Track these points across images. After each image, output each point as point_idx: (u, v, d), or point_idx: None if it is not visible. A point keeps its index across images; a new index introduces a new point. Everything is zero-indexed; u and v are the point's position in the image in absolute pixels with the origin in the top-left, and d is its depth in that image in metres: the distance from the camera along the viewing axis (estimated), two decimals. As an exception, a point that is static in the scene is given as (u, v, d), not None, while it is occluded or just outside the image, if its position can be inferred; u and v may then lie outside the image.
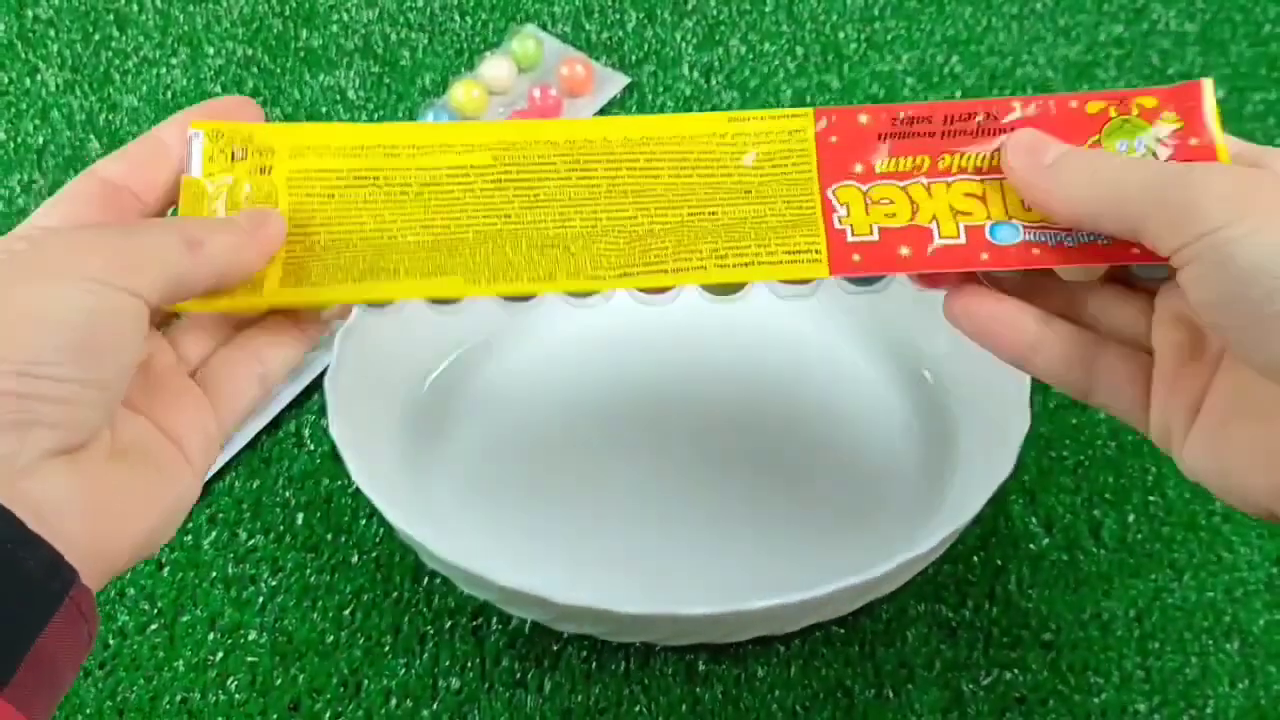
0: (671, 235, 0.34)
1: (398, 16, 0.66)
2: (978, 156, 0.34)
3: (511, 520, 0.46)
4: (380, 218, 0.35)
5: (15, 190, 0.59)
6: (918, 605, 0.45)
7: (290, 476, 0.49)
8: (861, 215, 0.34)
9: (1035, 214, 0.33)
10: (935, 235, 0.33)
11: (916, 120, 0.34)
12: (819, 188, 0.34)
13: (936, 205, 0.34)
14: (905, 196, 0.34)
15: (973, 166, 0.34)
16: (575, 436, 0.49)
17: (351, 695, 0.43)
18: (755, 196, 0.35)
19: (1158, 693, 0.43)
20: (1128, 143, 0.34)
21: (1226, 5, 0.66)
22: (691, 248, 0.34)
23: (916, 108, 0.35)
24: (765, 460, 0.48)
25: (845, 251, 0.33)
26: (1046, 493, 0.48)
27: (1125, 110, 0.34)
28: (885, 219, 0.34)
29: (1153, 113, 0.34)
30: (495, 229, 0.35)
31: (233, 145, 0.35)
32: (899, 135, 0.35)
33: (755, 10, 0.66)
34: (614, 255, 0.34)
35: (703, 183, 0.35)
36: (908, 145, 0.34)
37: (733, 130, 0.35)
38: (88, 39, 0.65)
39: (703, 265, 0.33)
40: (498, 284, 0.34)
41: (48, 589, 0.27)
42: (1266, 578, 0.45)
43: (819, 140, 0.35)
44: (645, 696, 0.43)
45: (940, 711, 0.43)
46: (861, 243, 0.33)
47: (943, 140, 0.34)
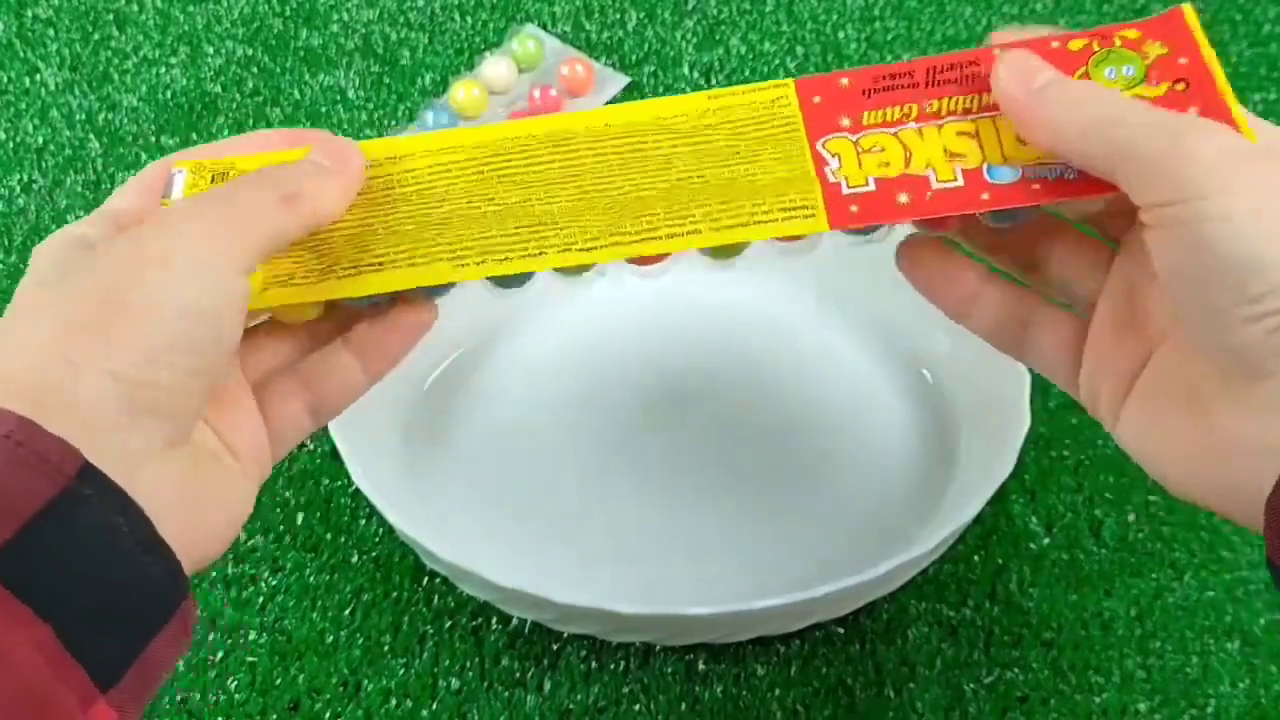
0: (661, 200, 0.34)
1: (398, 16, 0.66)
2: (966, 98, 0.34)
3: (511, 520, 0.46)
4: (361, 219, 0.35)
5: (15, 190, 0.59)
6: (918, 605, 0.45)
7: (290, 476, 0.49)
8: (854, 166, 0.33)
9: (1031, 152, 0.33)
10: (932, 180, 0.33)
11: (898, 75, 0.34)
12: (808, 142, 0.34)
13: (930, 149, 0.33)
14: (897, 142, 0.33)
15: (961, 108, 0.34)
16: (575, 437, 0.49)
17: (351, 695, 0.43)
18: (743, 157, 0.34)
19: (1159, 692, 0.43)
20: (1115, 69, 0.33)
21: (1226, 5, 0.66)
22: (683, 212, 0.33)
23: (896, 66, 0.34)
24: (765, 460, 0.47)
25: (842, 204, 0.33)
26: (1047, 492, 0.48)
27: (1108, 43, 0.33)
28: (879, 168, 0.33)
29: (1135, 43, 0.33)
30: (480, 212, 0.34)
31: (214, 173, 0.35)
32: (883, 89, 0.34)
33: (755, 10, 0.66)
34: (603, 224, 0.33)
35: (689, 150, 0.34)
36: (893, 96, 0.34)
37: (714, 106, 0.35)
38: (87, 39, 0.65)
39: (697, 229, 0.33)
40: (486, 265, 0.33)
41: (164, 598, 0.27)
42: (1267, 577, 0.45)
43: (803, 102, 0.34)
44: (645, 696, 0.43)
45: (941, 711, 0.43)
46: (858, 193, 0.33)
47: (927, 89, 0.34)
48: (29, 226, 0.57)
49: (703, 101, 0.35)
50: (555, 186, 0.34)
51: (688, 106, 0.35)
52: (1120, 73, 0.33)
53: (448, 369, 0.50)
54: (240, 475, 0.32)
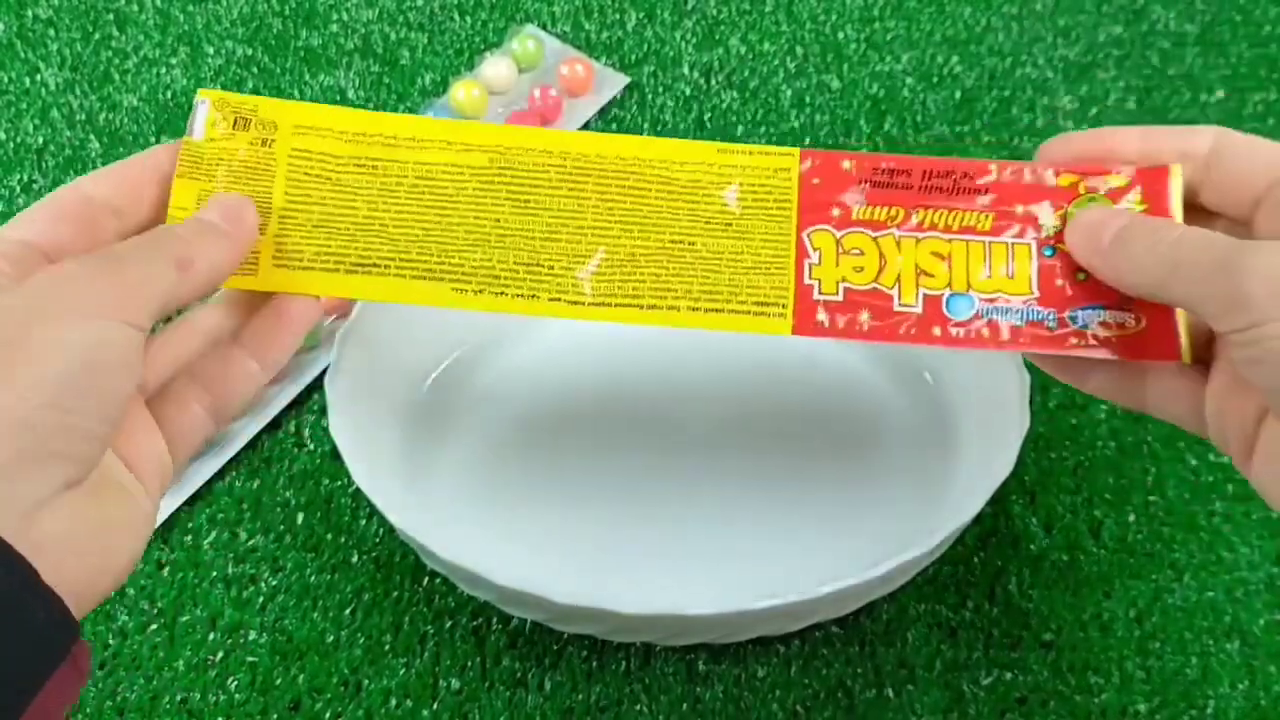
0: (651, 263, 0.36)
1: (398, 16, 0.66)
2: (949, 214, 0.36)
3: (511, 520, 0.46)
4: (374, 205, 0.36)
5: (15, 190, 0.59)
6: (918, 605, 0.45)
7: (290, 476, 0.49)
8: (832, 266, 0.36)
9: (990, 284, 0.35)
10: (895, 301, 0.35)
11: (896, 173, 0.36)
12: (796, 228, 0.36)
13: (904, 263, 0.36)
14: (876, 248, 0.36)
15: (943, 224, 0.36)
16: (575, 437, 0.49)
17: (352, 695, 0.43)
18: (735, 231, 0.36)
19: (1158, 693, 0.43)
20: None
21: (1226, 6, 0.66)
22: (667, 284, 0.36)
23: (897, 159, 0.36)
24: (765, 460, 0.48)
25: (810, 309, 0.35)
26: (1046, 493, 0.48)
27: (1093, 189, 0.35)
28: (853, 273, 0.36)
29: (1119, 192, 0.35)
30: (484, 232, 0.36)
31: (237, 114, 0.36)
32: (878, 184, 0.36)
33: (755, 10, 0.66)
34: (594, 281, 0.35)
35: (687, 209, 0.36)
36: (885, 195, 0.36)
37: (721, 161, 0.37)
38: (87, 39, 0.65)
39: (675, 306, 0.36)
40: (484, 297, 0.35)
41: (53, 644, 0.27)
42: (1267, 578, 0.45)
43: (802, 180, 0.36)
44: (646, 696, 0.43)
45: (941, 712, 0.43)
46: (827, 301, 0.35)
47: (919, 194, 0.36)
48: (29, 226, 0.57)
49: (711, 154, 0.37)
50: (558, 222, 0.36)
51: (697, 155, 0.37)
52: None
53: (448, 369, 0.50)
54: (143, 495, 0.32)
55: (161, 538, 0.47)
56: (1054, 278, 0.35)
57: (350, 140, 0.36)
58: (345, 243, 0.35)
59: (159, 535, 0.47)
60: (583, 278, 0.35)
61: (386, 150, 0.36)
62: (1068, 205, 0.35)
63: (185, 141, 0.35)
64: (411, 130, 0.36)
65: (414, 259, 0.35)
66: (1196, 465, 0.48)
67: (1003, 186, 0.36)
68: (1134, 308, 0.34)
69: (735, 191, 0.36)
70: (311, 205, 0.35)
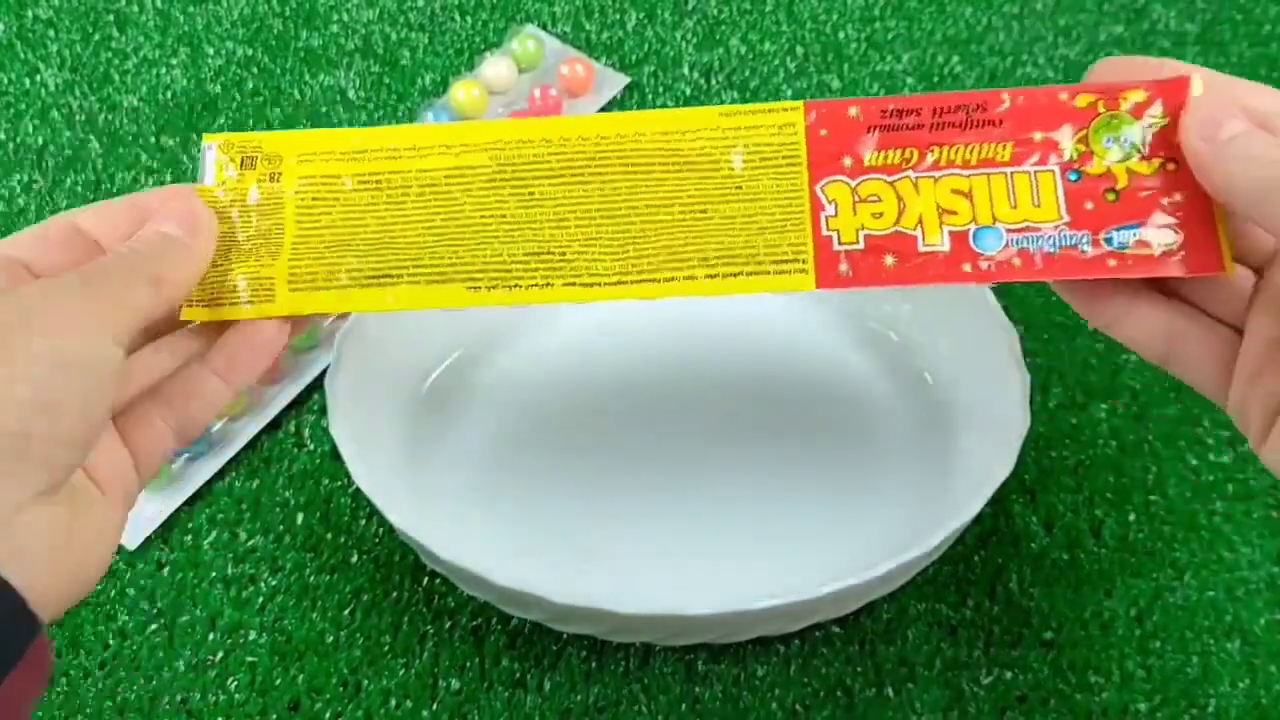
0: (663, 237, 0.35)
1: (398, 16, 0.66)
2: (966, 149, 0.35)
3: (511, 520, 0.46)
4: (382, 219, 0.36)
5: (15, 190, 0.59)
6: (918, 605, 0.45)
7: (290, 476, 0.49)
8: (849, 216, 0.34)
9: (1018, 214, 0.34)
10: (920, 242, 0.34)
11: (905, 113, 0.35)
12: (808, 183, 0.35)
13: (923, 203, 0.34)
14: (893, 193, 0.35)
15: (960, 160, 0.34)
16: (575, 436, 0.49)
17: (351, 695, 0.43)
18: (746, 194, 0.35)
19: (1159, 692, 0.43)
20: (1114, 139, 0.34)
21: (1226, 5, 0.66)
22: (681, 254, 0.35)
23: (905, 100, 0.35)
24: (765, 460, 0.47)
25: (832, 260, 0.34)
26: (1047, 492, 0.48)
27: (1113, 105, 0.34)
28: (872, 220, 0.34)
29: (1140, 107, 0.34)
30: (492, 230, 0.36)
31: (243, 154, 0.37)
32: (888, 128, 0.35)
33: (755, 10, 0.66)
34: (608, 261, 0.35)
35: (694, 180, 0.36)
36: (897, 138, 0.35)
37: (724, 125, 0.36)
38: (88, 39, 0.65)
39: (692, 275, 0.35)
40: (498, 291, 0.35)
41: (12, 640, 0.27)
42: (1268, 577, 0.45)
43: (809, 133, 0.35)
44: (645, 696, 0.43)
45: (941, 710, 0.43)
46: (848, 250, 0.34)
47: (931, 133, 0.35)
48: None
49: (714, 118, 0.36)
50: (565, 209, 0.36)
51: (699, 122, 0.36)
52: (1119, 142, 0.34)
53: (448, 369, 0.50)
54: (109, 508, 0.32)
55: (161, 538, 0.47)
56: (1083, 201, 0.34)
57: (352, 159, 0.37)
58: (358, 259, 0.36)
59: (159, 535, 0.47)
60: (596, 258, 0.35)
61: (389, 163, 0.36)
62: (1088, 128, 0.34)
63: (198, 188, 0.36)
64: (411, 140, 0.37)
65: (425, 265, 0.36)
66: (1197, 465, 0.48)
67: (1018, 114, 0.34)
68: (1172, 222, 0.33)
69: (742, 154, 0.35)
70: (322, 229, 0.36)
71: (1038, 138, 0.34)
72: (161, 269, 0.33)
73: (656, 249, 0.35)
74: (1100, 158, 0.34)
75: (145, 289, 0.32)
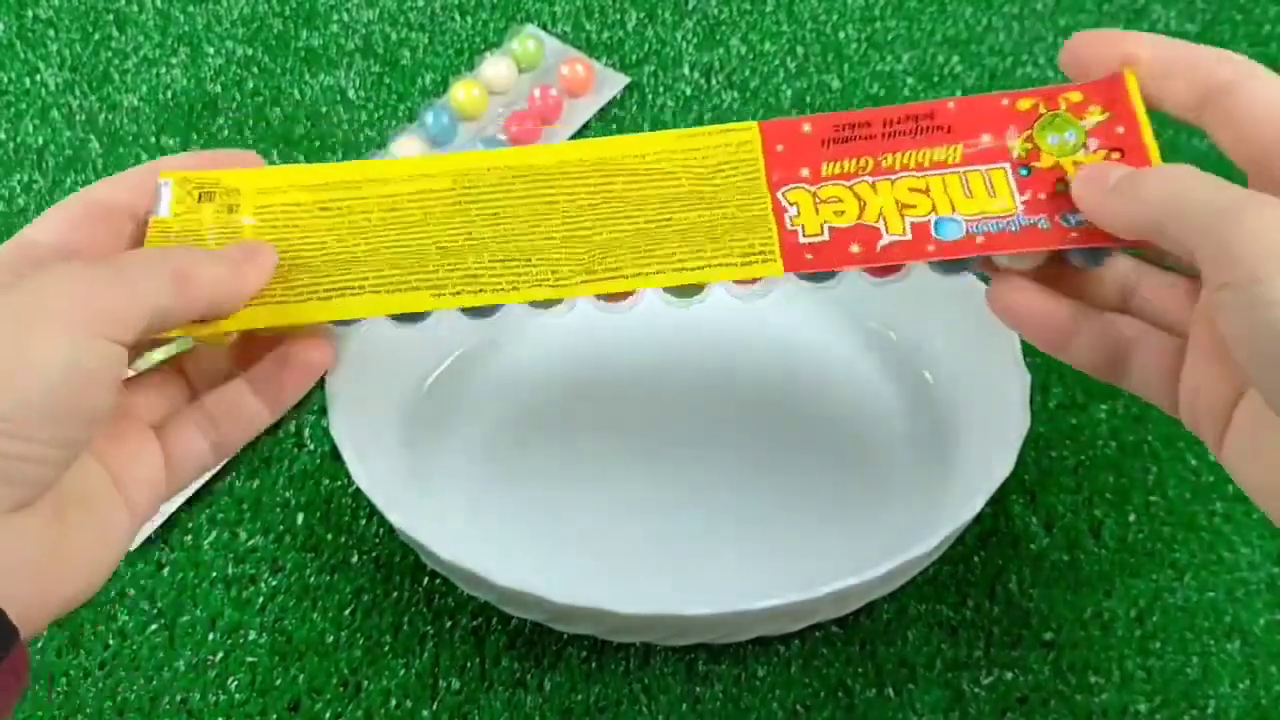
0: (629, 242, 0.35)
1: (398, 16, 0.66)
2: (919, 154, 0.36)
3: (511, 520, 0.46)
4: (343, 240, 0.36)
5: (15, 190, 0.59)
6: (918, 605, 0.45)
7: (290, 476, 0.49)
8: (811, 214, 0.35)
9: (974, 205, 0.35)
10: (883, 232, 0.35)
11: (857, 125, 0.36)
12: (769, 190, 0.36)
13: (883, 201, 0.35)
14: (852, 195, 0.35)
15: (914, 163, 0.35)
16: (575, 437, 0.49)
17: (351, 695, 0.43)
18: (709, 202, 0.36)
19: (1159, 693, 0.43)
20: (1058, 136, 0.35)
21: (1226, 5, 0.66)
22: (649, 254, 0.35)
23: (855, 115, 0.36)
24: (765, 460, 0.47)
25: (798, 251, 0.35)
26: (1046, 493, 0.48)
27: (1054, 105, 0.35)
28: (835, 217, 0.35)
29: (1080, 106, 0.35)
30: (457, 245, 0.36)
31: (200, 190, 0.36)
32: (842, 140, 0.36)
33: (755, 10, 0.66)
34: (574, 263, 0.35)
35: (656, 193, 0.36)
36: (851, 148, 0.36)
37: (682, 146, 0.37)
38: (88, 39, 0.65)
39: (661, 270, 0.35)
40: (463, 296, 0.35)
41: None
42: (1268, 577, 0.45)
43: (766, 149, 0.36)
44: (645, 696, 0.43)
45: (941, 711, 0.43)
46: (813, 242, 0.35)
47: (883, 142, 0.36)
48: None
49: (671, 140, 0.37)
50: (528, 224, 0.36)
51: (658, 145, 0.37)
52: (1063, 139, 0.35)
53: (448, 369, 0.50)
54: (123, 513, 0.32)
55: (162, 538, 0.47)
56: (1036, 192, 0.35)
57: (313, 190, 0.37)
58: (317, 276, 0.35)
59: (159, 535, 0.47)
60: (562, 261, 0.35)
61: (350, 192, 0.36)
62: (1032, 128, 0.35)
63: (152, 220, 0.35)
64: (372, 172, 0.37)
65: (388, 275, 0.35)
66: (1197, 465, 0.48)
67: (964, 121, 0.36)
68: None
69: (704, 170, 0.36)
70: (281, 252, 0.35)
71: (986, 140, 0.36)
72: (192, 266, 0.31)
73: (623, 254, 0.35)
74: (1047, 154, 0.35)
75: (165, 285, 0.30)
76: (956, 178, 0.35)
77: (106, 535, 0.31)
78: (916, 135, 0.36)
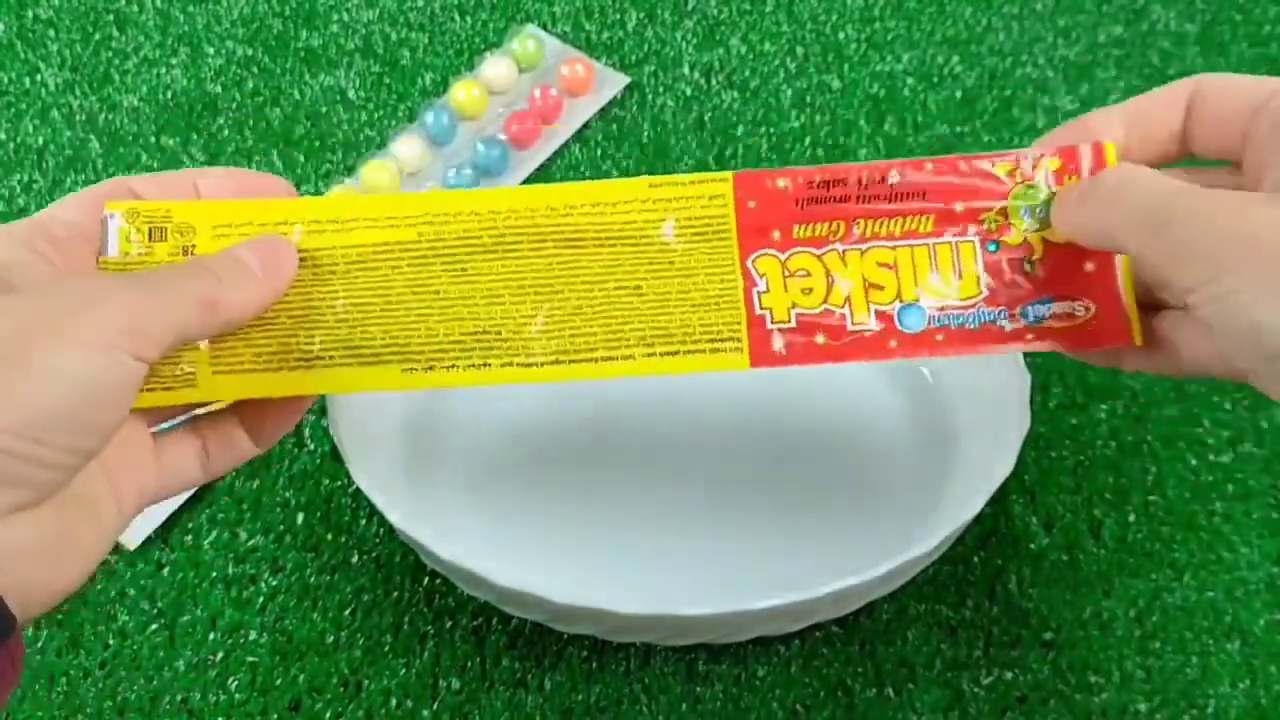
0: (600, 314, 0.35)
1: (398, 16, 0.66)
2: (891, 223, 0.35)
3: (511, 520, 0.46)
4: (308, 296, 0.35)
5: (15, 190, 0.59)
6: (918, 605, 0.45)
7: (290, 476, 0.49)
8: (780, 293, 0.35)
9: (941, 291, 0.35)
10: (849, 321, 0.35)
11: (832, 184, 0.36)
12: (739, 258, 0.36)
13: (851, 277, 0.35)
14: (821, 267, 0.35)
15: (885, 232, 0.36)
16: (575, 436, 0.49)
17: (352, 695, 0.43)
18: (679, 269, 0.36)
19: (1158, 693, 0.43)
20: (1029, 209, 0.35)
21: (1226, 5, 0.66)
22: (619, 333, 0.35)
23: (831, 170, 0.36)
24: (765, 460, 0.48)
25: (765, 337, 0.35)
26: (1046, 492, 0.48)
27: (1029, 177, 0.35)
28: (802, 296, 0.35)
29: (1058, 174, 0.35)
30: (425, 307, 0.35)
31: (150, 224, 0.34)
32: (815, 200, 0.36)
33: (755, 10, 0.66)
34: (544, 341, 0.35)
35: (628, 253, 0.36)
36: (824, 210, 0.36)
37: (653, 196, 0.36)
38: (88, 39, 0.65)
39: (630, 355, 0.35)
40: (434, 374, 0.35)
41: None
42: (1267, 577, 0.45)
43: (738, 205, 0.36)
44: (646, 696, 0.43)
45: (941, 711, 0.43)
46: (781, 328, 0.35)
47: (857, 204, 0.36)
48: (29, 226, 0.57)
49: (643, 189, 0.36)
50: (499, 284, 0.35)
51: (629, 194, 0.36)
52: (1034, 212, 0.35)
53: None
54: (114, 512, 0.32)
55: (161, 538, 0.47)
56: (1001, 273, 0.35)
57: (276, 229, 0.35)
58: (284, 339, 0.35)
59: (159, 535, 0.47)
60: (533, 337, 0.35)
61: (313, 239, 0.35)
62: (1006, 199, 0.35)
63: (103, 261, 0.34)
64: (334, 212, 0.35)
65: (357, 344, 0.35)
66: (1196, 465, 0.48)
67: (940, 185, 0.35)
68: (1082, 296, 0.35)
69: (673, 226, 0.35)
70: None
71: (959, 208, 0.35)
72: (221, 292, 0.32)
73: (593, 328, 0.35)
74: (1018, 228, 0.35)
75: (193, 311, 0.31)
76: (925, 251, 0.35)
77: (99, 532, 0.31)
78: (891, 201, 0.35)
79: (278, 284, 0.34)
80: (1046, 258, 0.35)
